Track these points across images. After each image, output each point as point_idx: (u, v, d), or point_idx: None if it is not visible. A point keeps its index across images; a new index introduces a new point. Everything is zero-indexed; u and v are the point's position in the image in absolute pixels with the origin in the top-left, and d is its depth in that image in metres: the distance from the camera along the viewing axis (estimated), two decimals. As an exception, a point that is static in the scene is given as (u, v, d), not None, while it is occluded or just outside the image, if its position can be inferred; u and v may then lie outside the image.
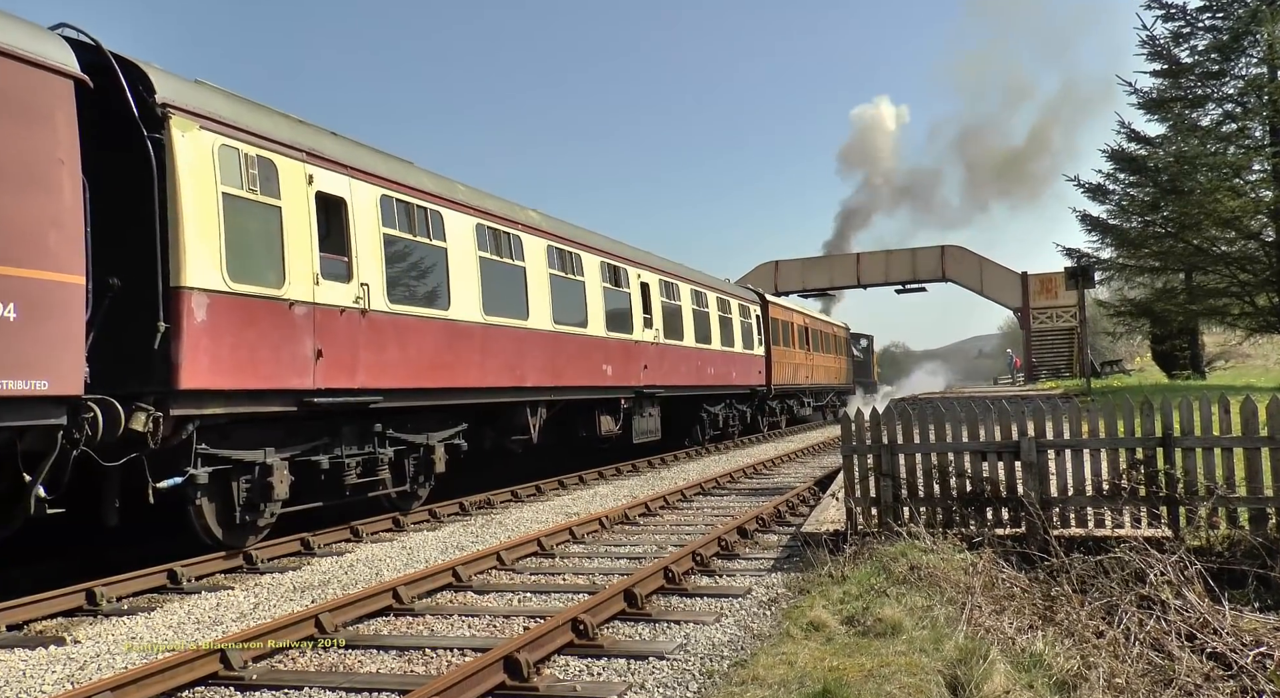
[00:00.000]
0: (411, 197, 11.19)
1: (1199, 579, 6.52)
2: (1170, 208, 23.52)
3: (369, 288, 10.09)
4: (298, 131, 9.73)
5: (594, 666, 5.50)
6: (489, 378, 12.31)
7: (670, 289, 19.81)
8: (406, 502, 11.69)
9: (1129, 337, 45.38)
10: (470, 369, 11.90)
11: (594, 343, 15.61)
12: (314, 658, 5.90)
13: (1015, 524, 8.00)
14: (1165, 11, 22.26)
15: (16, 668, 5.84)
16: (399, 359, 10.50)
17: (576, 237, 15.81)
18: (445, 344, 11.40)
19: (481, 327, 12.20)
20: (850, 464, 8.63)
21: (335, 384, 9.49)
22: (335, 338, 9.55)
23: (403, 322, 10.64)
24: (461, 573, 7.89)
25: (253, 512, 9.08)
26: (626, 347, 17.04)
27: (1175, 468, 7.70)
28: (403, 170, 11.43)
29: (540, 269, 14.07)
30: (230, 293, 8.36)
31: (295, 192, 9.32)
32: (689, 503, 12.74)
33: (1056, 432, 8.20)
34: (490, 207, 13.04)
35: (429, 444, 11.62)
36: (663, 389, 18.49)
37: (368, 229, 10.30)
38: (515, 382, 12.93)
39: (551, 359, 14.02)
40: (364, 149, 10.88)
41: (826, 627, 5.80)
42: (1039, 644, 5.51)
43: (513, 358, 12.92)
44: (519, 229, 13.63)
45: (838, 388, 38.52)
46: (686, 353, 20.22)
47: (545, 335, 13.92)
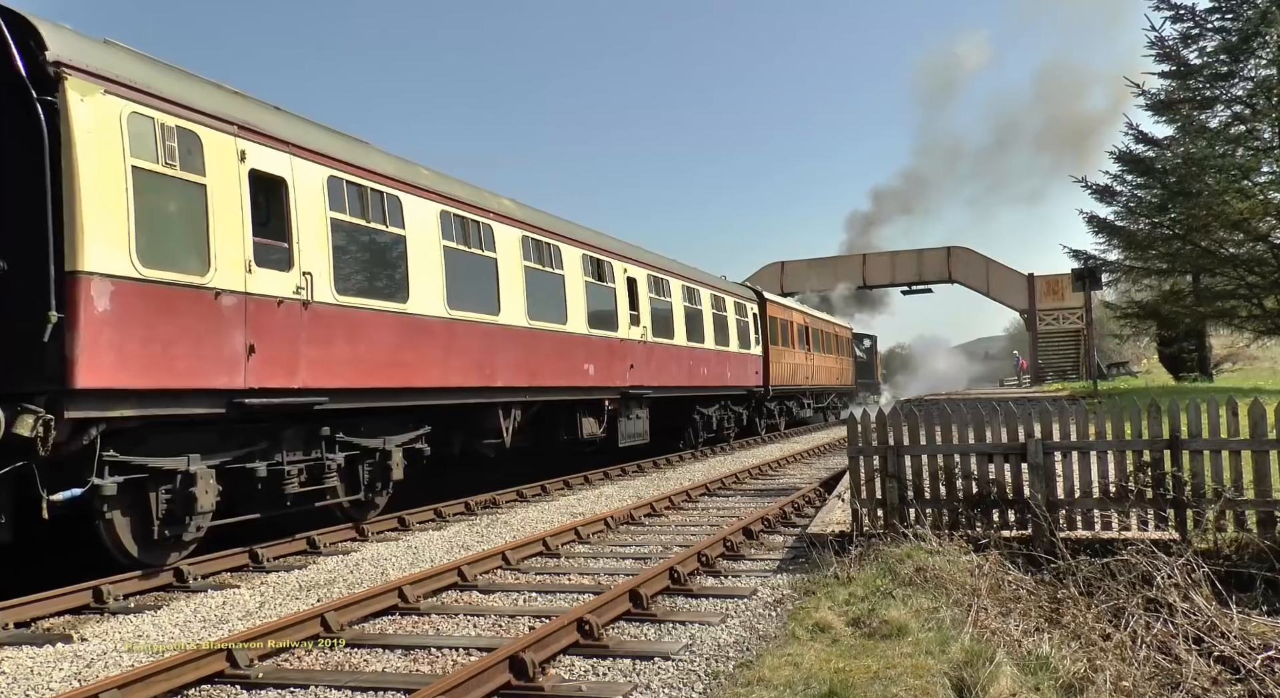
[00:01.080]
0: (365, 179, 10.23)
1: (1206, 582, 6.50)
2: (1178, 210, 23.46)
3: (312, 278, 9.16)
4: (229, 102, 8.75)
5: (599, 666, 5.50)
6: (453, 377, 11.42)
7: (660, 285, 18.96)
8: (361, 512, 10.78)
9: (1136, 339, 45.25)
10: (432, 368, 11.00)
11: (574, 341, 14.76)
12: (320, 657, 5.91)
13: (1022, 526, 7.98)
14: (1174, 13, 22.19)
15: (25, 666, 5.86)
16: (348, 356, 9.62)
17: (555, 227, 14.84)
18: (403, 340, 10.51)
19: (445, 322, 11.29)
20: (856, 466, 8.62)
21: (271, 383, 8.62)
22: (271, 332, 8.65)
23: (353, 315, 9.75)
24: (467, 573, 7.90)
25: (175, 526, 8.19)
26: (611, 345, 16.16)
27: (1183, 470, 7.68)
28: (355, 150, 10.45)
29: (514, 261, 13.16)
30: (141, 280, 7.43)
31: (224, 168, 8.37)
32: (694, 504, 12.73)
33: (1063, 433, 8.18)
34: (457, 193, 12.14)
35: (385, 449, 10.73)
36: (651, 390, 17.67)
37: (312, 213, 9.36)
38: (484, 381, 12.08)
39: (526, 358, 13.15)
40: (309, 125, 9.90)
41: (832, 628, 5.80)
42: (1045, 647, 5.49)
43: (481, 356, 12.05)
44: (490, 218, 12.73)
45: (840, 389, 37.96)
46: (677, 352, 19.40)
47: (518, 332, 13.02)
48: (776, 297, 29.59)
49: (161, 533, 8.12)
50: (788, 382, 28.07)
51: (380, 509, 11.07)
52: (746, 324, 24.60)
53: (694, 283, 21.01)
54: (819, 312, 37.23)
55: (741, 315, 24.24)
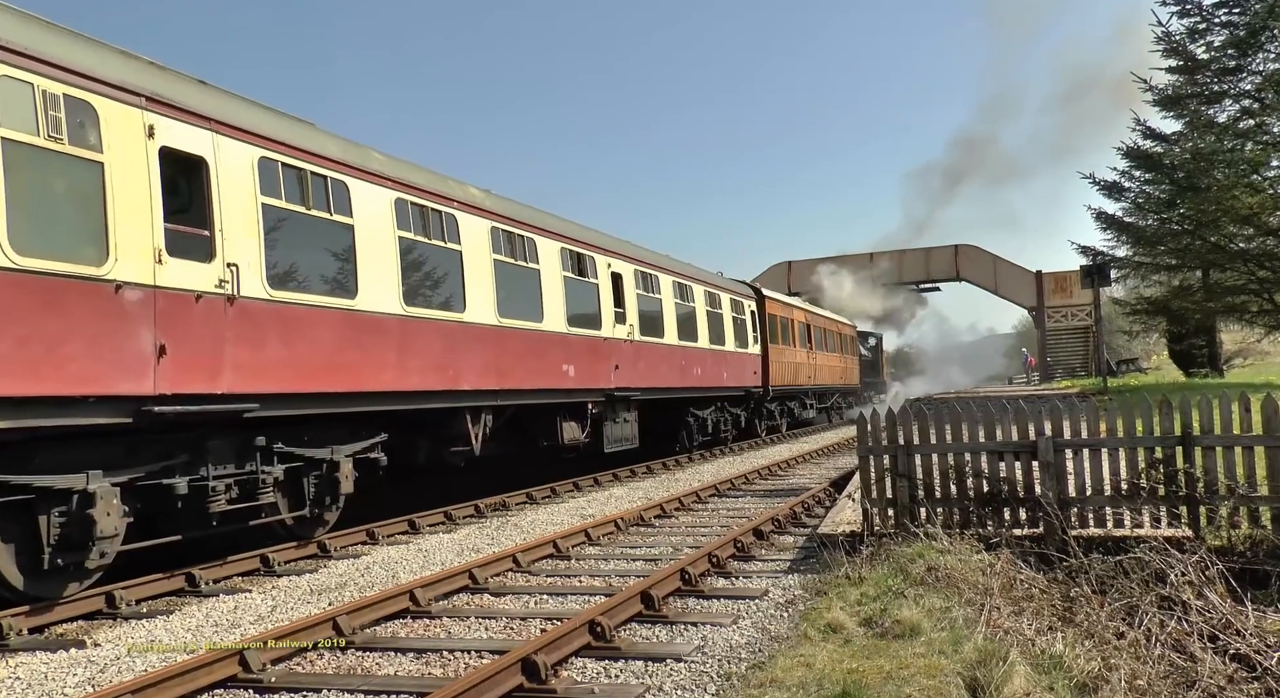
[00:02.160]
0: (305, 161, 9.25)
1: (1221, 580, 6.46)
2: (1187, 205, 23.37)
3: (239, 270, 8.20)
4: (134, 71, 7.69)
5: (611, 668, 5.49)
6: (410, 380, 10.38)
7: (648, 280, 17.91)
8: (307, 529, 9.84)
9: (1145, 335, 45.10)
10: (386, 370, 10.00)
11: (552, 340, 13.73)
12: (332, 660, 5.92)
13: (1033, 525, 7.95)
14: (1181, 7, 22.10)
15: (39, 671, 5.88)
16: (284, 358, 8.65)
17: (529, 218, 13.74)
18: (350, 340, 9.51)
19: (400, 319, 10.28)
20: (866, 465, 8.60)
21: (188, 389, 7.64)
22: (188, 331, 7.67)
23: (290, 312, 8.78)
24: (478, 575, 7.90)
25: (71, 553, 7.15)
26: (593, 344, 15.12)
27: (1195, 467, 7.63)
28: (294, 130, 9.43)
29: (481, 254, 12.12)
30: (15, 269, 6.44)
31: (127, 145, 7.37)
32: (704, 505, 12.72)
33: (1074, 431, 8.15)
34: (416, 179, 11.08)
35: (333, 460, 9.74)
36: (639, 392, 16.67)
37: (240, 198, 8.40)
38: (447, 384, 11.06)
39: (496, 358, 12.15)
40: (237, 100, 8.89)
41: (844, 628, 5.79)
42: (1059, 646, 5.47)
43: (443, 356, 11.03)
44: (455, 207, 11.68)
45: (844, 389, 37.17)
46: (668, 351, 18.36)
47: (487, 331, 12.01)
48: (776, 293, 28.70)
49: (54, 562, 7.07)
50: (789, 382, 27.28)
51: (330, 526, 10.15)
52: (744, 322, 23.67)
53: (686, 279, 20.07)
54: (821, 309, 36.57)
55: (738, 313, 23.34)
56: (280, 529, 9.59)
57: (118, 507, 7.39)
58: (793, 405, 28.90)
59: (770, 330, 25.52)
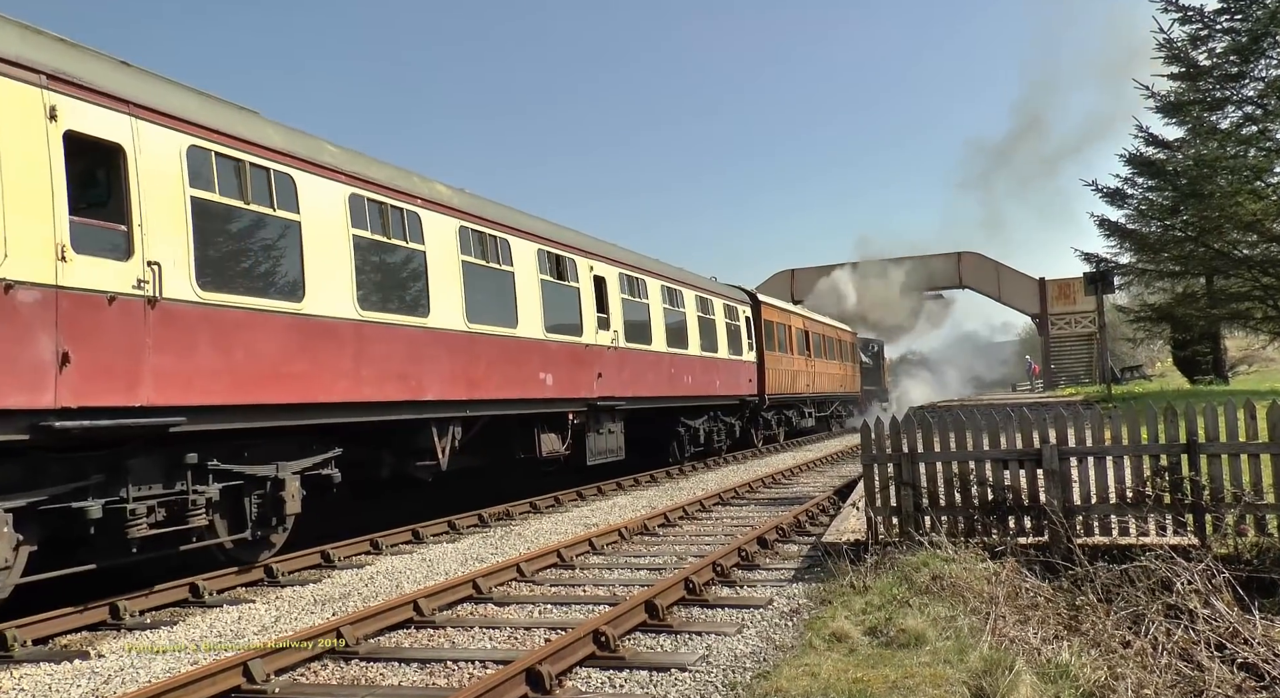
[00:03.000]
0: (244, 152, 8.50)
1: (1227, 588, 6.44)
2: (1190, 212, 23.33)
3: (162, 269, 7.42)
4: (34, 46, 6.87)
5: (616, 678, 5.48)
6: (367, 390, 9.62)
7: (634, 285, 17.09)
8: (250, 552, 9.08)
9: (1149, 342, 44.99)
10: (338, 379, 9.24)
11: (527, 347, 12.94)
12: (336, 671, 5.91)
13: (1038, 533, 7.93)
14: (1183, 14, 22.08)
15: (43, 683, 5.88)
16: (218, 366, 7.91)
17: (502, 218, 12.92)
18: (297, 346, 8.78)
19: (355, 325, 9.53)
20: (870, 473, 8.59)
21: (98, 401, 6.85)
22: (98, 337, 6.88)
23: (225, 316, 8.02)
24: (482, 585, 7.89)
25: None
26: (574, 351, 14.35)
27: (1200, 475, 7.62)
28: (231, 117, 8.63)
29: (448, 255, 11.37)
30: None
31: (22, 128, 6.62)
32: (708, 513, 12.70)
33: (1079, 439, 8.13)
34: (374, 174, 10.31)
35: (278, 477, 8.92)
36: (624, 401, 15.86)
37: (164, 189, 7.63)
38: (409, 394, 10.33)
39: (465, 366, 11.41)
40: (162, 82, 8.08)
41: (849, 638, 5.77)
42: (1065, 655, 5.45)
43: (405, 365, 10.29)
44: (419, 205, 10.94)
45: (844, 397, 36.35)
46: (656, 359, 17.57)
47: (454, 337, 11.26)
48: (773, 299, 27.82)
49: None
50: (786, 390, 26.57)
51: (277, 549, 9.39)
52: (738, 328, 22.89)
53: (675, 283, 19.28)
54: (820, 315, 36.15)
55: (732, 319, 22.58)
56: (219, 554, 8.83)
57: (10, 535, 6.65)
58: (791, 414, 28.33)
59: (767, 337, 24.95)
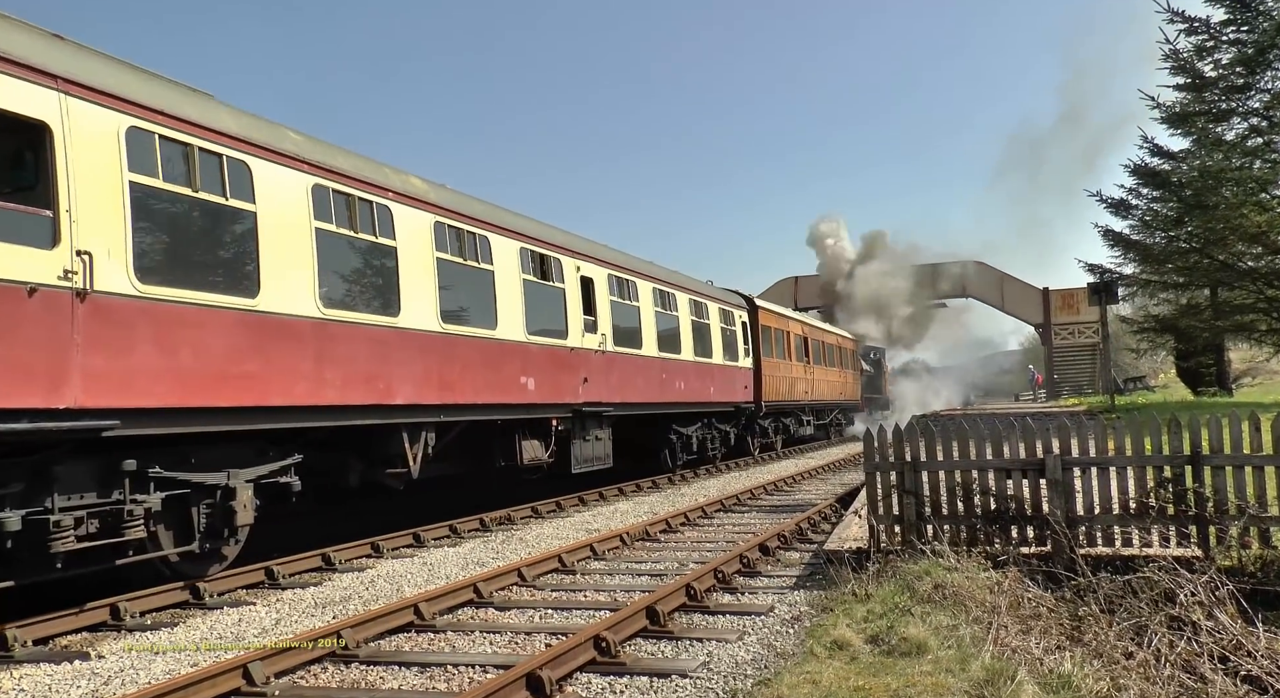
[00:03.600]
0: (193, 136, 7.90)
1: (1231, 600, 6.41)
2: (1195, 223, 23.31)
3: (93, 260, 6.87)
4: None
5: (616, 684, 5.46)
6: (329, 393, 9.07)
7: (624, 287, 16.43)
8: (199, 566, 8.47)
9: (1153, 353, 44.94)
10: (297, 381, 8.70)
11: (507, 349, 12.34)
12: (336, 674, 5.90)
13: (1041, 543, 7.91)
14: (1188, 25, 22.10)
15: (42, 683, 5.87)
16: (159, 366, 7.32)
17: (482, 214, 12.32)
18: (250, 346, 8.24)
19: (316, 323, 8.98)
20: (873, 481, 8.57)
21: (14, 403, 6.36)
22: (15, 331, 6.36)
23: (166, 311, 7.43)
24: (483, 589, 7.88)
25: None
26: (559, 355, 13.73)
27: (1205, 487, 7.59)
28: (179, 97, 8.01)
29: (422, 252, 10.76)
30: None
31: None
32: (710, 520, 12.68)
33: (1082, 449, 8.12)
34: (340, 164, 9.75)
35: (229, 486, 8.37)
36: (612, 407, 15.30)
37: (99, 173, 7.05)
38: (377, 398, 9.76)
39: (439, 369, 10.84)
40: (98, 57, 7.52)
41: (851, 646, 5.76)
42: (1067, 665, 5.43)
43: (372, 366, 9.72)
44: (390, 198, 10.36)
45: (844, 405, 35.80)
46: (646, 364, 16.90)
47: (427, 338, 10.67)
48: (771, 304, 27.14)
49: None
50: (784, 397, 26.01)
51: (230, 561, 8.82)
52: (734, 333, 22.23)
53: (668, 286, 18.62)
54: (820, 322, 35.45)
55: (728, 324, 21.88)
56: (164, 568, 8.19)
57: None
58: (788, 422, 27.74)
59: (764, 343, 24.38)
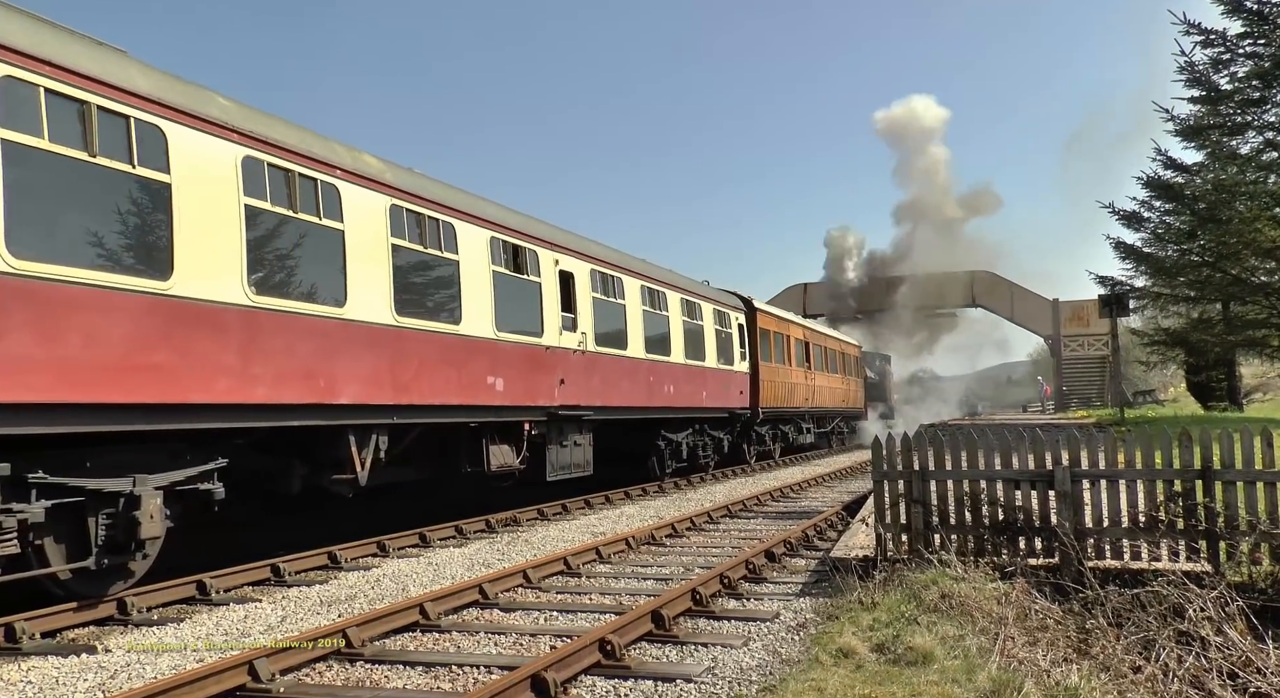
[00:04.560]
0: (91, 92, 6.99)
1: (1241, 616, 6.37)
2: (1208, 237, 23.26)
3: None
4: None
5: (621, 687, 5.46)
6: (259, 390, 8.19)
7: (608, 283, 15.44)
8: (95, 584, 7.43)
9: (1163, 367, 44.76)
10: (218, 376, 7.77)
11: (473, 347, 11.40)
12: (341, 672, 5.91)
13: (1049, 554, 7.88)
14: (1204, 38, 22.03)
15: (50, 676, 5.90)
16: (40, 355, 6.46)
17: (446, 199, 11.36)
18: (159, 335, 7.33)
19: (244, 312, 8.07)
20: (881, 489, 8.55)
21: None
22: None
23: (48, 292, 6.53)
24: (488, 590, 7.88)
25: None
26: (533, 354, 12.81)
27: (1215, 501, 7.56)
28: (75, 50, 7.06)
29: (374, 237, 9.86)
30: None
31: None
32: (715, 525, 12.67)
33: (1092, 461, 8.08)
34: (280, 136, 8.77)
35: (133, 493, 7.39)
36: (592, 411, 14.37)
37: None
38: (317, 397, 8.86)
39: (392, 366, 9.91)
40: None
41: (856, 654, 5.74)
42: (1074, 678, 5.40)
43: (312, 362, 8.82)
44: (339, 176, 9.44)
45: (846, 412, 34.81)
46: (632, 365, 15.92)
47: (378, 332, 9.76)
48: (770, 307, 25.93)
49: None
50: (782, 403, 24.97)
51: (137, 578, 7.78)
52: (729, 336, 21.25)
53: (657, 284, 17.56)
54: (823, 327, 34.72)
55: (723, 325, 20.91)
56: (55, 587, 7.22)
57: None
58: (787, 429, 26.73)
59: (762, 347, 23.39)
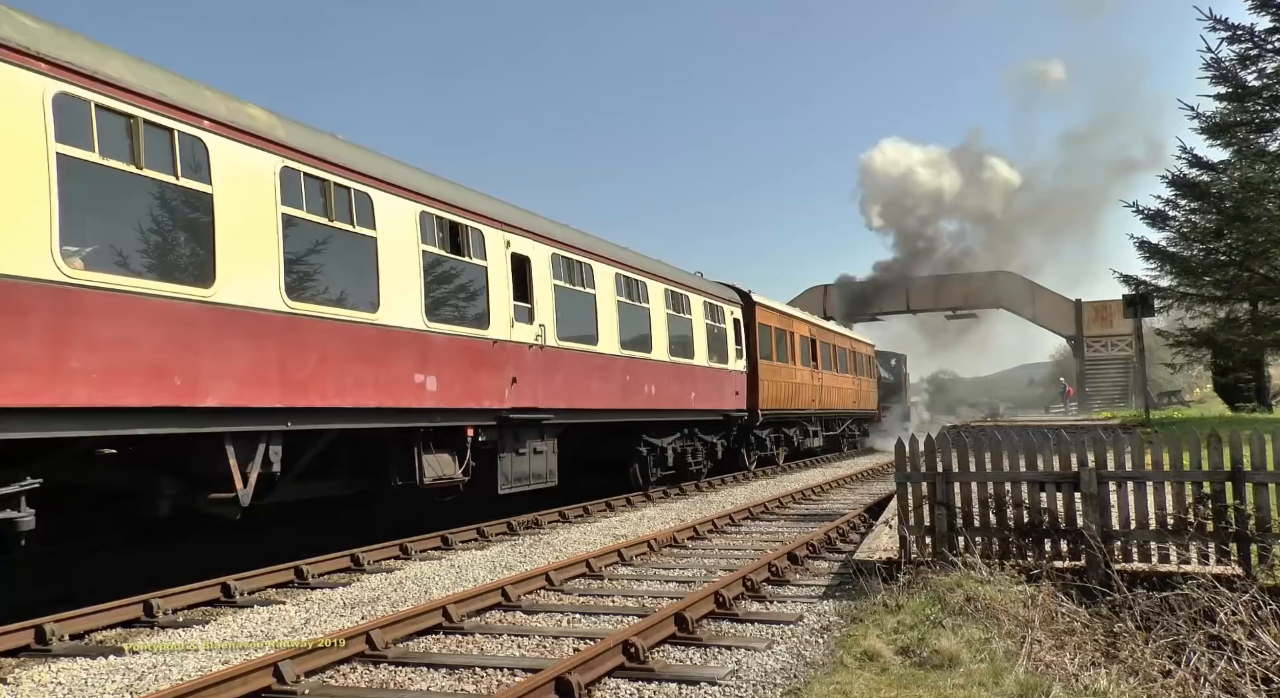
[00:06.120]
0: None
1: (1274, 620, 6.28)
2: (1235, 236, 22.95)
3: None
4: None
5: (645, 690, 5.44)
6: (79, 390, 6.60)
7: (573, 270, 13.78)
8: None
9: (1188, 367, 44.23)
10: (13, 374, 6.19)
11: (395, 339, 9.76)
12: (365, 674, 5.93)
13: (1075, 557, 7.79)
14: (1231, 33, 21.75)
15: (79, 677, 5.95)
16: None
17: (361, 165, 9.62)
18: None
19: (55, 291, 6.50)
20: (904, 492, 8.49)
21: None
22: None
23: None
24: (510, 593, 7.89)
25: None
26: (475, 349, 11.17)
27: (1245, 504, 7.45)
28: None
29: (257, 205, 8.21)
30: None
31: None
32: (737, 527, 12.63)
33: (1118, 463, 7.99)
34: (111, 70, 7.10)
35: None
36: (553, 414, 12.77)
37: None
38: (172, 398, 7.26)
39: (282, 361, 8.31)
40: None
41: (881, 657, 5.70)
42: (1103, 682, 5.34)
43: (164, 354, 7.23)
44: (207, 128, 7.80)
45: (858, 414, 32.99)
46: (603, 363, 14.27)
47: (263, 320, 8.17)
48: (770, 301, 23.85)
49: None
50: (785, 405, 23.31)
51: None
52: (723, 331, 19.65)
53: (636, 272, 15.92)
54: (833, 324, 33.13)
55: (715, 320, 19.27)
56: None
57: None
58: (791, 432, 25.04)
59: (762, 344, 21.80)
